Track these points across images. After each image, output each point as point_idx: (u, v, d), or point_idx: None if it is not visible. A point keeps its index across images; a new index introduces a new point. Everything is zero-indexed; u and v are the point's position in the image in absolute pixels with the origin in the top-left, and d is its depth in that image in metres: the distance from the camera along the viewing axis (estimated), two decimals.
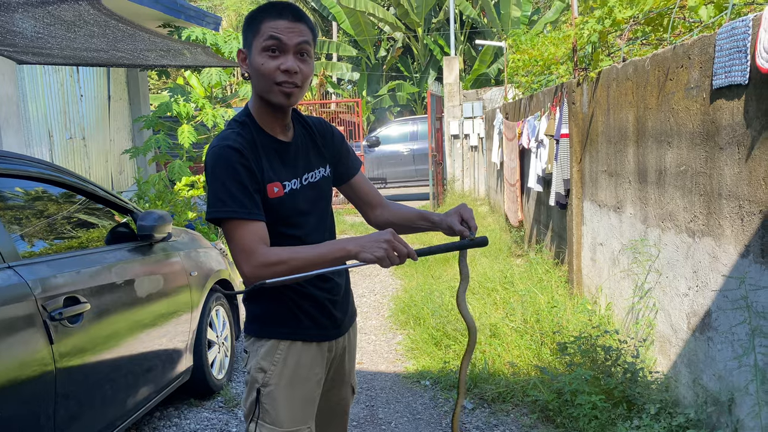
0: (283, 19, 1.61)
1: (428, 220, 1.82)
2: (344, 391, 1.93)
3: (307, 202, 1.73)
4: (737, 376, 2.49)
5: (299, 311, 1.71)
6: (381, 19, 18.42)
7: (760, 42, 2.22)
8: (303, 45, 1.62)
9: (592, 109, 4.36)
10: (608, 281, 4.07)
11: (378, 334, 4.89)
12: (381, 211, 1.92)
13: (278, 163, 1.68)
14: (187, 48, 5.50)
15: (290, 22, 1.61)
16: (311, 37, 1.66)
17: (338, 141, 1.89)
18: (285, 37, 1.60)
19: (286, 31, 1.60)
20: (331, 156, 1.86)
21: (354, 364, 1.97)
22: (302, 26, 1.63)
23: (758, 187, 2.32)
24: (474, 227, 1.74)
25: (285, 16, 1.61)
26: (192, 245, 3.66)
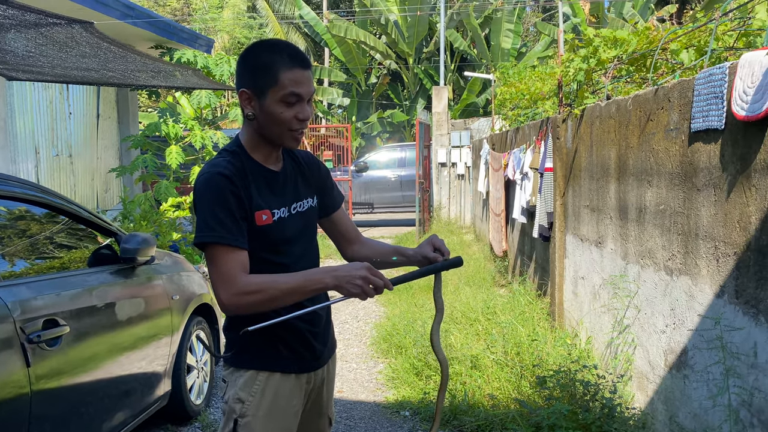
0: (297, 68, 1.63)
1: (403, 255, 1.86)
2: (321, 422, 1.93)
3: (295, 230, 1.76)
4: (712, 415, 2.52)
5: (279, 342, 1.72)
6: (372, 48, 18.66)
7: (735, 89, 2.29)
8: (312, 95, 1.70)
9: (575, 144, 4.44)
10: (589, 315, 4.11)
11: (359, 362, 4.88)
12: (358, 247, 1.96)
13: (268, 191, 1.71)
14: (179, 70, 5.54)
15: (305, 70, 1.65)
16: (312, 74, 1.73)
17: (324, 174, 1.94)
18: (303, 90, 1.65)
19: (304, 83, 1.65)
20: (317, 188, 1.90)
21: (332, 395, 1.97)
22: (311, 74, 1.69)
23: (733, 229, 2.38)
24: (447, 252, 1.80)
25: (298, 64, 1.64)
26: (175, 268, 3.65)
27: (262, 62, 1.64)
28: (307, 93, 1.66)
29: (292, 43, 1.75)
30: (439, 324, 1.86)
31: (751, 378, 2.26)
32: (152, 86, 5.70)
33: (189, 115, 8.35)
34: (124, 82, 4.45)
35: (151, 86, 5.66)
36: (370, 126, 19.71)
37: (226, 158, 1.68)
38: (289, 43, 1.70)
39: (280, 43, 1.68)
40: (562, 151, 4.73)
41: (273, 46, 1.66)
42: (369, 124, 19.85)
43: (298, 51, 1.68)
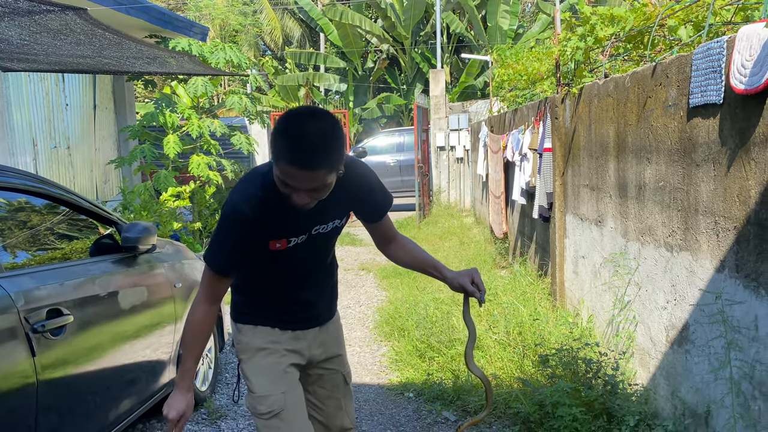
0: (295, 166, 1.59)
1: (440, 273, 1.99)
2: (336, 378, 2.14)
3: (307, 250, 1.91)
4: (713, 389, 2.54)
5: (259, 311, 2.01)
6: (368, 32, 18.54)
7: (733, 63, 2.29)
8: (314, 189, 1.64)
9: (574, 124, 4.43)
10: (590, 294, 4.12)
11: (362, 345, 4.90)
12: (395, 247, 2.07)
13: (289, 220, 1.81)
14: (173, 56, 5.52)
15: (302, 170, 1.59)
16: (326, 175, 1.62)
17: (366, 194, 1.96)
18: (296, 184, 1.63)
19: (298, 179, 1.61)
20: (355, 205, 1.97)
21: (339, 353, 2.16)
22: (316, 173, 1.60)
23: (733, 204, 2.38)
24: (484, 290, 1.94)
25: (297, 164, 1.59)
26: (176, 257, 3.66)
27: (274, 136, 1.63)
28: (299, 187, 1.63)
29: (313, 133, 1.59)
30: (473, 346, 2.01)
31: (752, 351, 2.27)
32: (148, 73, 5.69)
33: (186, 104, 8.31)
34: (120, 69, 4.44)
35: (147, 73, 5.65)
36: (369, 111, 19.64)
37: (255, 185, 1.78)
38: (303, 134, 1.59)
39: (295, 128, 1.60)
40: (561, 131, 4.72)
41: (286, 130, 1.60)
42: (367, 110, 19.78)
43: (303, 150, 1.58)
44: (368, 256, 8.60)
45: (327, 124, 1.63)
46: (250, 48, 24.49)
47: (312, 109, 1.67)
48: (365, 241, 9.82)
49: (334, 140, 1.63)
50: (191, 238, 7.61)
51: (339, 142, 1.65)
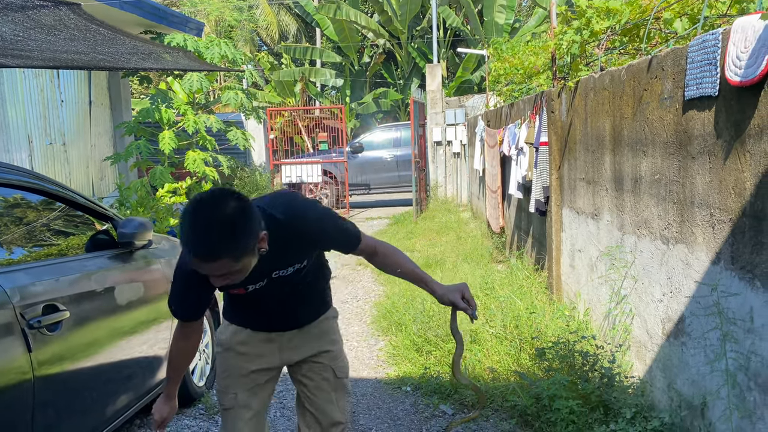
0: (196, 258, 1.59)
1: (429, 287, 2.02)
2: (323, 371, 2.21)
3: (272, 291, 1.98)
4: (709, 381, 2.55)
5: (241, 313, 2.15)
6: (364, 27, 18.50)
7: (729, 55, 2.29)
8: (224, 275, 1.64)
9: (570, 117, 4.43)
10: (586, 287, 4.13)
11: (360, 340, 4.91)
12: (379, 260, 2.07)
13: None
14: (168, 52, 5.50)
15: (203, 262, 1.59)
16: (234, 261, 1.60)
17: (315, 240, 1.95)
18: (202, 271, 1.64)
19: (203, 269, 1.62)
20: (311, 251, 2.00)
21: (327, 349, 2.22)
22: (219, 263, 1.58)
23: (728, 196, 2.38)
24: (475, 306, 1.99)
25: (197, 255, 1.58)
26: (173, 252, 3.65)
27: (180, 218, 1.63)
28: (210, 274, 1.63)
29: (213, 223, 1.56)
30: (461, 356, 2.03)
31: (747, 342, 2.28)
32: (143, 69, 5.67)
33: (182, 100, 8.28)
34: (115, 65, 4.42)
35: (142, 69, 5.63)
36: (365, 106, 19.61)
37: None
38: (196, 230, 1.57)
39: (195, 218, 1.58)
40: (557, 124, 4.72)
41: (188, 218, 1.59)
42: (363, 105, 19.75)
43: (198, 245, 1.57)
44: None
45: (231, 212, 1.58)
46: (246, 43, 24.41)
47: (218, 195, 1.62)
48: None
49: (237, 229, 1.58)
50: None
51: (245, 229, 1.61)
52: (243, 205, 1.62)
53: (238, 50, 8.08)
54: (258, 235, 1.65)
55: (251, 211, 1.64)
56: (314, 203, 1.95)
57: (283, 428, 3.46)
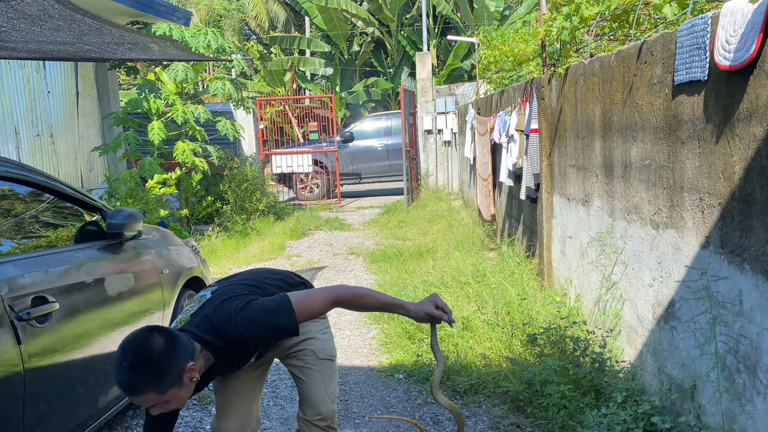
0: (124, 392, 1.75)
1: (403, 309, 2.00)
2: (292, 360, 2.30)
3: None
4: (699, 364, 2.57)
5: None
6: (354, 15, 18.39)
7: (718, 39, 2.29)
8: (154, 407, 1.77)
9: (560, 104, 4.43)
10: (577, 273, 4.15)
11: (352, 329, 4.92)
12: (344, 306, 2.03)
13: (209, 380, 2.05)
14: (155, 41, 5.44)
15: (129, 395, 1.75)
16: (158, 394, 1.73)
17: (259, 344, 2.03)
18: (134, 402, 1.79)
19: (132, 399, 1.77)
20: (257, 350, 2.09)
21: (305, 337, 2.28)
22: (144, 397, 1.73)
23: (717, 180, 2.39)
24: (450, 311, 1.99)
25: (123, 390, 1.75)
26: (163, 243, 3.63)
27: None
28: (142, 405, 1.77)
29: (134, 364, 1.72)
30: (441, 376, 2.02)
31: (737, 325, 2.30)
32: (130, 59, 5.61)
33: (170, 90, 8.21)
34: (102, 56, 4.36)
35: (129, 60, 5.57)
36: (355, 95, 19.53)
37: None
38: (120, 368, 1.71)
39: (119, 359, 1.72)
40: (547, 111, 4.72)
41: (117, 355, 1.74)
42: (353, 94, 19.67)
43: (122, 381, 1.71)
44: (357, 240, 8.59)
45: (150, 350, 1.72)
46: (235, 33, 24.23)
47: (141, 335, 1.76)
48: (354, 226, 9.82)
49: (158, 367, 1.72)
50: (178, 225, 7.57)
51: (166, 366, 1.73)
52: (166, 338, 1.77)
53: (225, 39, 8.00)
54: (183, 368, 1.77)
55: (174, 348, 1.77)
56: (242, 311, 1.91)
57: (276, 417, 3.46)
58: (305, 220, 9.78)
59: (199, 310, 1.97)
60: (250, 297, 1.97)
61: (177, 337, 1.80)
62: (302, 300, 1.94)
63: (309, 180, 12.99)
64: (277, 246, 8.09)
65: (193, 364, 1.80)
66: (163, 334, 1.78)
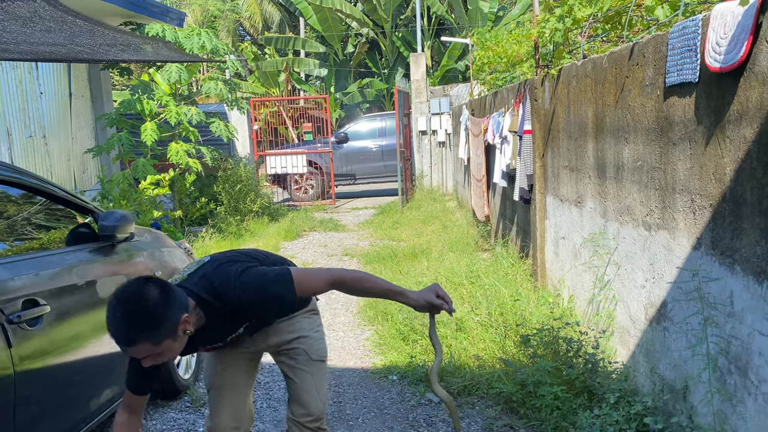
0: (118, 343, 1.72)
1: (403, 296, 1.98)
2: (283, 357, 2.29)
3: (240, 338, 2.16)
4: (691, 365, 2.58)
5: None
6: (348, 15, 18.38)
7: (709, 41, 2.30)
8: (147, 358, 1.74)
9: (553, 105, 4.44)
10: (570, 274, 4.16)
11: (346, 330, 4.91)
12: (344, 288, 2.01)
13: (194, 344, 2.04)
14: (148, 42, 5.43)
15: (123, 346, 1.72)
16: (152, 345, 1.71)
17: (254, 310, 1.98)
18: (126, 354, 1.76)
19: (128, 352, 1.74)
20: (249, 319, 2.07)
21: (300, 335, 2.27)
22: (138, 347, 1.70)
23: (708, 182, 2.40)
24: (450, 301, 1.97)
25: (120, 344, 1.71)
26: (156, 245, 3.62)
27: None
28: (134, 356, 1.74)
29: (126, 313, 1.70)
30: (439, 366, 2.03)
31: (728, 326, 2.31)
32: (123, 60, 5.59)
33: (164, 91, 8.19)
34: (94, 57, 4.34)
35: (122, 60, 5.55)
36: (350, 96, 19.53)
37: None
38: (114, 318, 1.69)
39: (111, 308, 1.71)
40: (540, 112, 4.73)
41: (108, 307, 1.72)
42: (348, 95, 19.66)
43: (116, 331, 1.70)
44: (352, 241, 8.59)
45: (145, 299, 1.70)
46: (229, 34, 24.19)
47: (135, 285, 1.74)
48: (348, 227, 9.81)
49: (153, 317, 1.69)
50: (172, 227, 7.54)
51: (161, 316, 1.71)
52: (160, 289, 1.74)
53: (219, 40, 7.98)
54: (178, 319, 1.75)
55: (169, 295, 1.74)
56: (243, 274, 1.91)
57: (269, 419, 3.46)
58: (300, 221, 9.77)
59: (197, 270, 1.97)
60: (249, 264, 1.98)
61: (172, 289, 1.78)
62: (303, 274, 1.95)
63: (303, 181, 12.98)
64: (271, 247, 8.07)
65: (187, 316, 1.78)
66: (157, 284, 1.75)
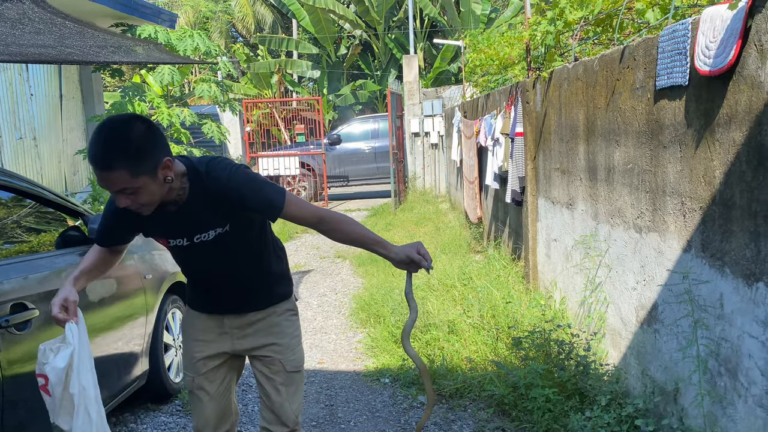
0: (94, 168, 1.72)
1: (384, 249, 1.97)
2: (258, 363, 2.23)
3: (200, 255, 2.03)
4: (681, 367, 2.59)
5: (192, 291, 2.25)
6: (341, 17, 18.38)
7: (698, 44, 2.31)
8: (122, 190, 1.74)
9: (545, 108, 4.45)
10: (562, 276, 4.16)
11: (338, 333, 4.90)
12: (326, 229, 2.00)
13: (163, 225, 1.97)
14: (139, 44, 5.40)
15: (102, 172, 1.71)
16: (129, 176, 1.70)
17: (239, 203, 1.92)
18: (103, 185, 1.75)
19: (103, 180, 1.73)
20: (234, 214, 1.97)
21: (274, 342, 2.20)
22: (113, 174, 1.69)
23: (698, 184, 2.41)
24: (430, 259, 1.95)
25: (96, 167, 1.71)
26: (146, 248, 3.60)
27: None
28: (109, 189, 1.74)
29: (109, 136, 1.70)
30: (413, 324, 1.98)
31: (718, 329, 2.32)
32: (114, 62, 5.57)
33: (156, 93, 8.16)
34: (84, 59, 4.32)
35: (113, 62, 5.53)
36: (342, 98, 19.52)
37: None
38: (96, 141, 1.71)
39: (96, 132, 1.72)
40: (532, 115, 4.74)
41: (91, 141, 1.73)
42: (341, 96, 19.65)
43: (95, 153, 1.70)
44: None
45: (131, 128, 1.71)
46: (222, 35, 24.13)
47: (123, 116, 1.77)
48: None
49: (134, 143, 1.70)
50: None
51: (144, 145, 1.71)
52: (147, 125, 1.76)
53: (212, 42, 7.96)
54: (159, 159, 1.75)
55: (155, 134, 1.76)
56: (240, 166, 1.95)
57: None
58: (292, 223, 9.74)
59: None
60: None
61: (159, 131, 1.79)
62: (294, 198, 1.97)
63: (296, 183, 12.95)
64: None
65: (170, 160, 1.78)
66: (145, 121, 1.76)
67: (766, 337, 2.02)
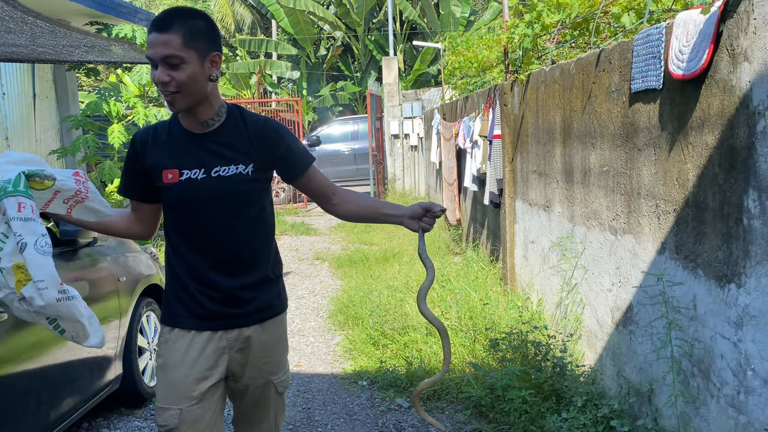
0: (153, 32, 1.72)
1: (397, 210, 1.98)
2: (264, 385, 1.96)
3: (210, 194, 1.81)
4: (656, 368, 2.61)
5: (176, 299, 1.88)
6: (321, 18, 18.33)
7: (672, 48, 2.33)
8: (169, 58, 1.71)
9: (522, 110, 4.47)
10: (539, 277, 4.19)
11: (316, 335, 4.88)
12: (338, 201, 1.99)
13: (182, 152, 1.83)
14: (115, 44, 5.33)
15: (157, 34, 1.71)
16: (181, 43, 1.71)
17: (273, 144, 1.87)
18: (152, 52, 1.73)
19: (153, 45, 1.72)
20: (262, 157, 1.86)
21: (273, 361, 1.96)
22: (169, 36, 1.70)
23: (672, 187, 2.44)
24: (440, 207, 1.95)
25: (152, 27, 1.73)
26: (120, 250, 3.55)
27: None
28: (155, 55, 1.72)
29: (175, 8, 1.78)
30: (429, 285, 1.95)
31: (691, 330, 2.34)
32: (88, 62, 5.48)
33: (132, 93, 8.05)
34: (58, 58, 4.24)
35: (87, 62, 5.44)
36: (322, 99, 19.46)
37: (153, 124, 1.95)
38: (165, 13, 1.76)
39: (159, 15, 1.77)
40: (510, 117, 4.76)
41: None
42: (320, 98, 19.60)
43: (158, 17, 1.74)
44: (323, 245, 8.55)
45: (197, 11, 1.79)
46: None
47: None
48: (320, 230, 9.76)
49: (196, 18, 1.75)
50: None
51: (203, 26, 1.75)
52: (212, 23, 1.81)
53: None
54: (213, 47, 1.77)
55: (215, 29, 1.80)
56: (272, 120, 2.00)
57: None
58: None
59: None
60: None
61: (220, 34, 1.84)
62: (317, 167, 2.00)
63: (275, 184, 12.89)
64: None
65: (219, 56, 1.79)
66: (211, 20, 1.82)
67: (737, 338, 2.05)
